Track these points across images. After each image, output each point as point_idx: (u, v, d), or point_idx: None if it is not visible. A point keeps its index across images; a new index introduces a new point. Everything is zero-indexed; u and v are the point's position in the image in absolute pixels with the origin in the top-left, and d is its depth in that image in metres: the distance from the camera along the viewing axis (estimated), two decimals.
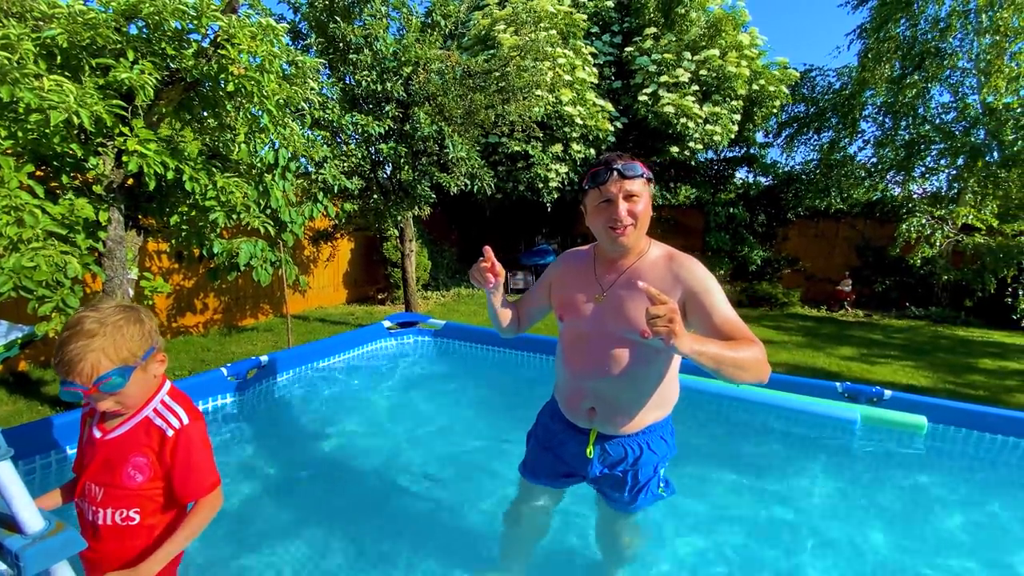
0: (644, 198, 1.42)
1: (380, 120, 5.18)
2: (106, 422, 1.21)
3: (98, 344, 1.08)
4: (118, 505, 1.18)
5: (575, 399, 1.55)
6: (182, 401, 1.25)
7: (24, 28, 2.70)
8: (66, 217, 2.97)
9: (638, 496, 1.56)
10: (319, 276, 8.27)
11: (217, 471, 1.27)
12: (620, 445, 1.52)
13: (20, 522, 0.80)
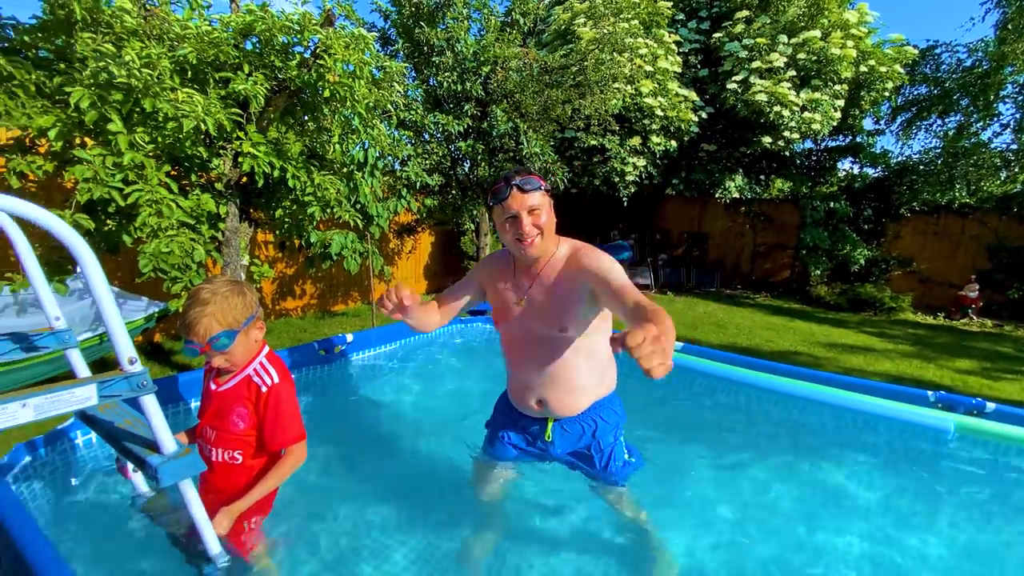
0: (545, 208, 1.52)
1: (459, 119, 5.42)
2: (220, 377, 1.46)
3: (210, 310, 1.32)
4: (226, 447, 1.43)
5: (522, 396, 1.70)
6: (276, 364, 1.48)
7: (162, 48, 3.19)
8: (193, 210, 3.46)
9: (609, 465, 1.71)
10: (402, 267, 8.80)
11: (303, 427, 1.48)
12: (576, 423, 1.69)
13: (159, 444, 1.02)
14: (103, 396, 0.92)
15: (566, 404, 1.65)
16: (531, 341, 1.63)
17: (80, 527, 1.50)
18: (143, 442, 1.07)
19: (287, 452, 1.45)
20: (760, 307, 8.95)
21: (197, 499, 1.12)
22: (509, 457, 1.81)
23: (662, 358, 0.97)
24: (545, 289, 1.59)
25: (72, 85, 2.78)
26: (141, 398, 0.99)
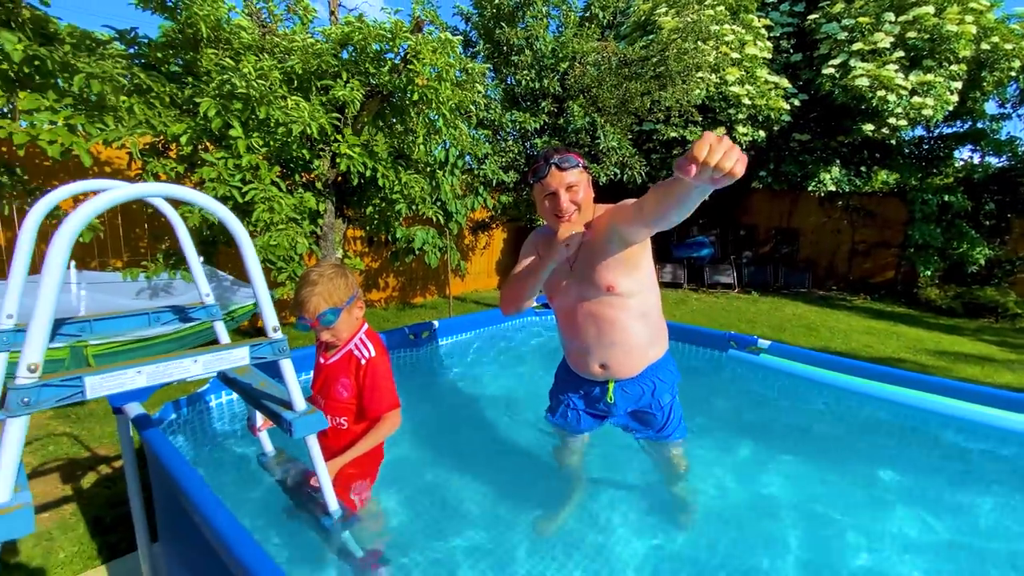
0: (583, 185, 1.60)
1: (536, 116, 5.49)
2: (327, 352, 1.63)
3: (318, 290, 1.49)
4: (334, 413, 1.59)
5: (585, 363, 1.77)
6: (374, 340, 1.63)
7: (273, 61, 3.54)
8: (297, 207, 3.80)
9: (668, 422, 1.81)
10: (476, 263, 9.06)
11: (397, 397, 1.62)
12: (635, 384, 1.76)
13: (293, 402, 1.16)
14: (253, 357, 1.07)
15: (626, 365, 1.74)
16: (584, 307, 1.70)
17: (211, 477, 1.72)
18: (278, 401, 1.23)
19: (383, 418, 1.59)
20: (858, 310, 8.23)
21: (320, 453, 1.26)
22: (572, 420, 1.90)
23: (736, 154, 0.97)
24: (590, 254, 1.66)
25: (200, 96, 3.17)
26: (280, 361, 1.14)
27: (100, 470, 2.88)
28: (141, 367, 0.92)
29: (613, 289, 1.62)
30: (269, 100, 3.28)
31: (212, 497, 1.08)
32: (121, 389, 0.90)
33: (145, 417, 1.42)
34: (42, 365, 0.81)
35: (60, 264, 0.81)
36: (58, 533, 2.30)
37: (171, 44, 3.51)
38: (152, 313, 1.33)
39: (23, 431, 0.81)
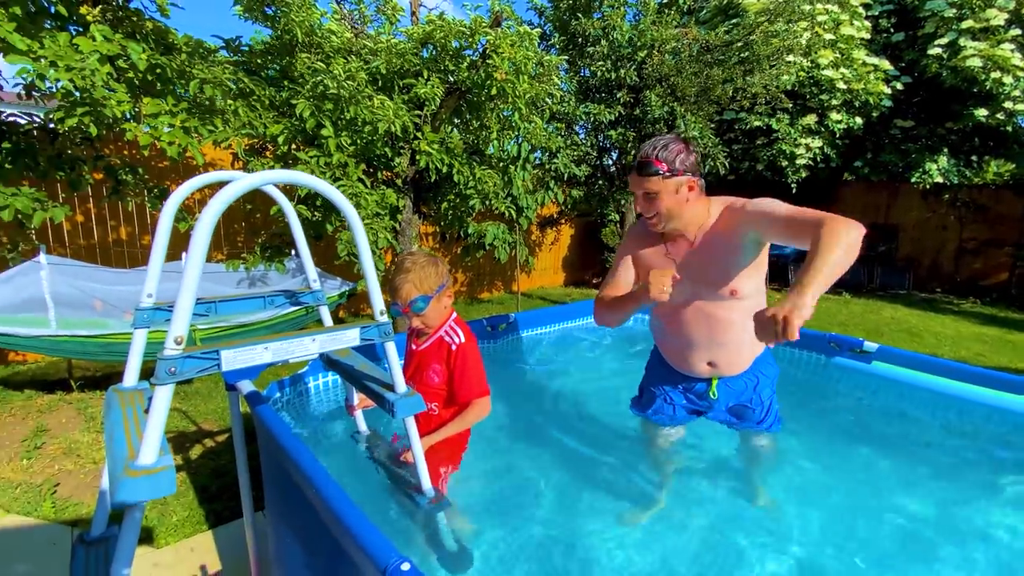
0: (665, 194, 1.50)
1: (611, 107, 5.36)
2: (419, 338, 1.66)
3: (411, 277, 1.53)
4: (425, 399, 1.62)
5: (692, 361, 1.70)
6: (463, 327, 1.65)
7: (359, 62, 3.68)
8: (379, 203, 3.95)
9: (767, 416, 1.76)
10: (542, 259, 9.03)
11: (486, 383, 1.62)
12: (739, 379, 1.71)
13: (395, 383, 1.19)
14: (363, 338, 1.11)
15: (735, 363, 1.68)
16: (696, 307, 1.62)
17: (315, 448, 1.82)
18: (380, 382, 1.26)
19: (473, 403, 1.60)
20: (967, 315, 7.36)
21: (417, 434, 1.28)
22: (667, 414, 1.85)
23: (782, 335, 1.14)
24: (706, 256, 1.57)
25: (296, 98, 3.37)
26: (384, 344, 1.17)
27: (205, 443, 3.15)
28: (268, 344, 0.97)
29: (736, 294, 1.54)
30: (357, 100, 3.41)
31: (324, 472, 1.13)
32: (251, 363, 0.95)
33: (256, 394, 1.51)
34: (186, 338, 0.87)
35: (203, 245, 0.86)
36: (171, 499, 2.53)
37: (269, 51, 3.75)
38: (267, 297, 1.41)
39: (169, 399, 0.87)
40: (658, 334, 1.82)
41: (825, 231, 1.26)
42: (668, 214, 1.52)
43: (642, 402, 1.93)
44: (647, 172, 1.49)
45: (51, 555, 2.14)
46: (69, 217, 4.62)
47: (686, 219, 1.55)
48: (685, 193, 1.52)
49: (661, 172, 1.49)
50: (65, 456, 2.95)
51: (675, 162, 1.49)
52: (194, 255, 0.86)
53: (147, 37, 2.65)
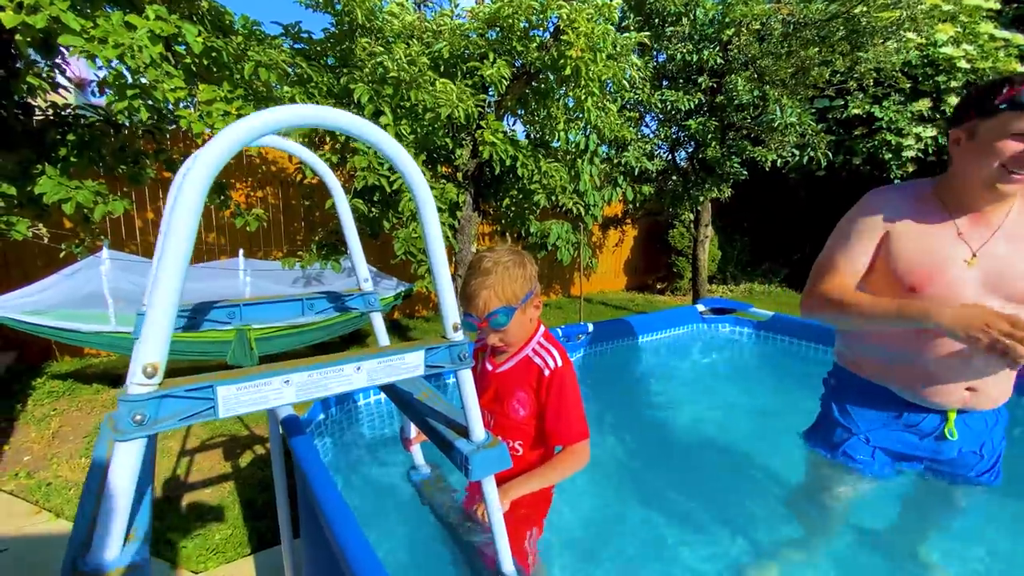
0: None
1: (691, 94, 4.83)
2: (496, 357, 1.30)
3: (490, 282, 1.16)
4: (505, 435, 1.26)
5: (947, 387, 1.26)
6: (556, 345, 1.26)
7: (421, 47, 3.41)
8: (439, 198, 3.67)
9: (995, 464, 1.37)
10: (603, 261, 8.53)
11: (586, 424, 1.23)
12: (981, 417, 1.32)
13: (471, 428, 0.83)
14: (429, 366, 0.76)
15: (993, 394, 1.27)
16: None
17: (355, 489, 1.51)
18: (447, 421, 0.91)
19: (567, 450, 1.21)
20: None
21: (498, 502, 0.92)
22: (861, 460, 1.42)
23: None
24: (1014, 243, 1.17)
25: (354, 83, 3.14)
26: (459, 373, 0.82)
27: (255, 450, 2.97)
28: (289, 375, 0.64)
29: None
30: (419, 83, 3.14)
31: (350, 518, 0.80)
32: (264, 404, 0.63)
33: (294, 419, 1.21)
34: (162, 369, 0.55)
35: (187, 228, 0.54)
36: (216, 513, 2.34)
37: (330, 38, 3.57)
38: (306, 300, 1.10)
39: (136, 462, 0.55)
40: (878, 350, 1.35)
41: None
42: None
43: (822, 436, 1.50)
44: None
45: None
46: (141, 214, 4.69)
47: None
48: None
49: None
50: None
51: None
52: (174, 243, 0.54)
53: (203, 19, 2.48)
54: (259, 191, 5.32)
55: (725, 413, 2.17)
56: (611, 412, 2.21)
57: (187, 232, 0.54)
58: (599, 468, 1.69)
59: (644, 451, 1.94)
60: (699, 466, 1.83)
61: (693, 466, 1.83)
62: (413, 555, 1.31)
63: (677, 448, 1.96)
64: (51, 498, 2.41)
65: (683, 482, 1.71)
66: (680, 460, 1.88)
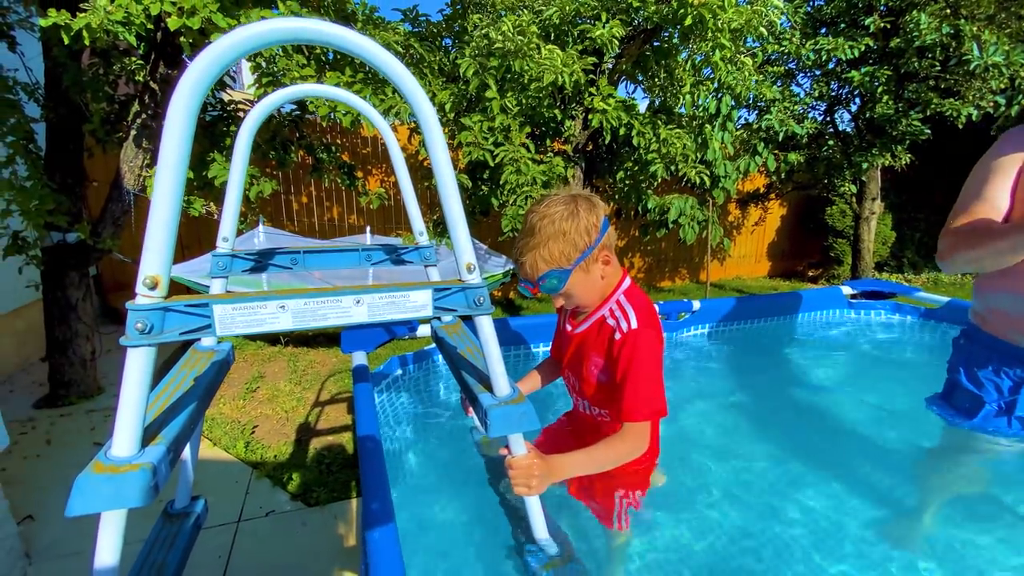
0: None
1: (855, 40, 4.04)
2: (576, 316, 1.19)
3: (535, 243, 1.04)
4: (593, 402, 1.17)
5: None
6: (638, 304, 1.09)
7: (530, 15, 3.34)
8: (546, 172, 3.60)
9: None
10: (741, 244, 7.69)
11: (662, 400, 1.04)
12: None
13: (493, 381, 0.76)
14: (437, 307, 0.71)
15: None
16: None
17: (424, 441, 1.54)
18: (479, 376, 0.86)
19: (626, 429, 1.04)
20: None
21: (524, 459, 0.84)
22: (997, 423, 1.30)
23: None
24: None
25: (462, 58, 3.20)
26: (477, 320, 0.75)
27: None
28: (286, 301, 0.64)
29: None
30: (524, 53, 3.09)
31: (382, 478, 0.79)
32: (260, 327, 0.64)
33: (363, 369, 1.27)
34: (164, 282, 0.58)
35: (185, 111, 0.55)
36: (334, 457, 2.61)
37: (446, 18, 3.68)
38: (363, 250, 1.13)
39: (147, 366, 0.59)
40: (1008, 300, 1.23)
41: None
42: None
43: (955, 403, 1.40)
44: None
45: (233, 492, 2.32)
46: (297, 198, 5.42)
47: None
48: None
49: None
50: (268, 402, 3.34)
51: None
52: (166, 156, 0.55)
53: (328, 9, 2.71)
54: (391, 176, 5.79)
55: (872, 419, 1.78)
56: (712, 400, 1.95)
57: (179, 147, 0.55)
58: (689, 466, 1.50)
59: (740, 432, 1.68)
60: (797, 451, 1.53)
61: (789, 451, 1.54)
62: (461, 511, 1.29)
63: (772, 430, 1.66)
64: (213, 430, 2.90)
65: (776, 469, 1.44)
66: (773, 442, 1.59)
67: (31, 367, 3.64)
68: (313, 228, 5.47)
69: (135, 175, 2.88)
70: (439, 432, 1.57)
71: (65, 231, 2.81)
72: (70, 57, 2.63)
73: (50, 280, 2.92)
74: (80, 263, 2.95)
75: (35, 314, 3.57)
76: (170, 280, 0.59)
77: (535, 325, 1.91)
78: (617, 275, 1.12)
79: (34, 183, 2.54)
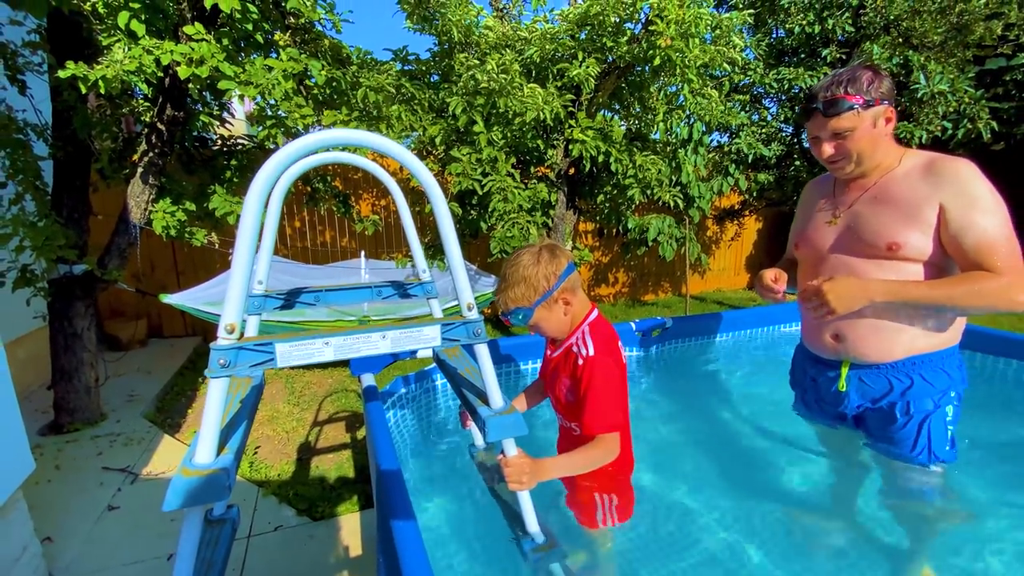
0: (860, 130, 1.29)
1: (814, 70, 4.37)
2: (554, 343, 1.40)
3: (506, 285, 1.26)
4: (565, 415, 1.37)
5: (815, 330, 1.48)
6: (597, 335, 1.30)
7: (513, 54, 3.59)
8: (531, 198, 3.83)
9: (915, 440, 1.36)
10: (720, 258, 7.99)
11: (618, 416, 1.25)
12: (882, 376, 1.39)
13: (489, 396, 0.95)
14: (445, 339, 0.90)
15: (871, 345, 1.36)
16: (837, 263, 1.40)
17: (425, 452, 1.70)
18: (478, 392, 1.04)
19: (595, 439, 1.24)
20: None
21: (515, 461, 1.03)
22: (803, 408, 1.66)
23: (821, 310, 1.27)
24: (874, 204, 1.34)
25: (450, 96, 3.43)
26: (476, 347, 0.94)
27: None
28: (329, 339, 0.82)
29: (897, 249, 1.28)
30: (507, 91, 3.33)
31: (401, 488, 0.96)
32: (310, 359, 0.82)
33: (372, 389, 1.44)
34: (239, 327, 0.76)
35: (252, 225, 0.74)
36: (335, 473, 2.75)
37: (434, 56, 3.92)
38: (374, 287, 1.32)
39: (223, 392, 0.77)
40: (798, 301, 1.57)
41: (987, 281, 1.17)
42: (862, 151, 1.32)
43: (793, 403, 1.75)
44: (839, 110, 1.28)
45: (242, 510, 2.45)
46: (290, 223, 5.57)
47: (877, 159, 1.34)
48: (883, 127, 1.31)
49: (856, 105, 1.27)
50: (269, 423, 3.46)
51: (870, 91, 1.27)
52: (243, 235, 0.74)
53: (325, 54, 2.92)
54: (382, 200, 5.98)
55: None
56: (683, 411, 2.15)
57: (251, 228, 0.74)
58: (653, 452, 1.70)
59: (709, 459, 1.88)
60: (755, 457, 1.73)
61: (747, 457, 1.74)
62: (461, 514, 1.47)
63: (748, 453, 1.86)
64: None
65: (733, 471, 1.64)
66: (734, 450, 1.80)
67: (32, 394, 3.71)
68: (307, 252, 5.61)
69: (141, 209, 3.03)
70: (440, 444, 1.74)
71: (72, 263, 2.94)
72: (78, 100, 2.79)
73: (56, 311, 3.03)
74: (86, 294, 3.07)
75: (35, 343, 3.67)
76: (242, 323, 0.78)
77: (521, 345, 2.10)
78: (584, 309, 1.32)
79: (46, 220, 2.68)
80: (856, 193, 1.40)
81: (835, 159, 1.35)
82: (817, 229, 1.46)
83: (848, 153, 1.33)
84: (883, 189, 1.34)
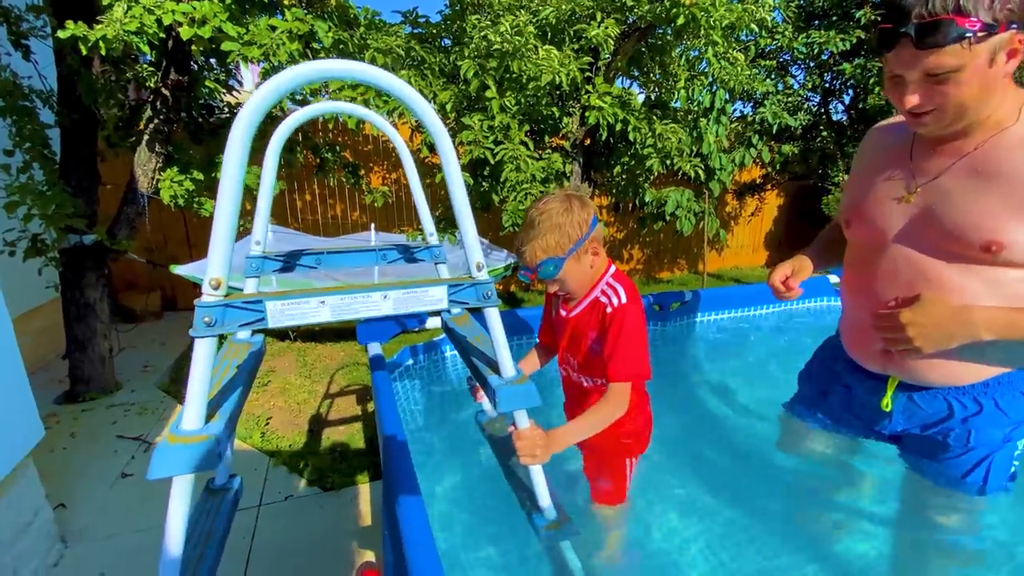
0: (969, 70, 0.82)
1: (846, 33, 4.12)
2: (568, 302, 1.33)
3: (534, 235, 1.19)
4: (591, 373, 1.31)
5: (860, 336, 1.12)
6: (625, 283, 1.25)
7: (528, 16, 3.42)
8: (545, 168, 3.70)
9: (975, 471, 1.06)
10: (738, 234, 7.77)
11: (646, 364, 1.20)
12: (941, 398, 1.05)
13: (500, 364, 0.88)
14: (452, 300, 0.83)
15: (936, 369, 1.01)
16: (906, 255, 1.00)
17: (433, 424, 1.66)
18: (488, 361, 0.98)
19: (609, 390, 1.19)
20: None
21: (528, 431, 0.97)
22: (809, 410, 1.35)
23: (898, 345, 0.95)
24: (972, 179, 0.92)
25: (461, 59, 3.29)
26: (486, 311, 0.87)
27: None
28: (325, 297, 0.75)
29: (998, 251, 0.88)
30: (522, 54, 3.18)
31: (406, 460, 0.90)
32: (304, 319, 0.75)
33: (379, 358, 1.38)
34: (225, 282, 0.69)
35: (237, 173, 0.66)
36: (346, 445, 2.74)
37: (445, 19, 3.76)
38: (379, 250, 1.24)
39: (209, 354, 0.71)
40: (842, 296, 1.24)
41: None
42: (962, 102, 0.86)
43: (795, 395, 1.45)
44: (937, 41, 0.80)
45: (249, 478, 2.45)
46: (301, 197, 5.51)
47: (988, 110, 0.89)
48: (1002, 65, 0.84)
49: (970, 32, 0.79)
50: (281, 394, 3.47)
51: (993, 8, 0.79)
52: (226, 178, 0.66)
53: (331, 15, 2.80)
54: (393, 173, 5.88)
55: None
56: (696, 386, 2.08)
57: (235, 176, 0.66)
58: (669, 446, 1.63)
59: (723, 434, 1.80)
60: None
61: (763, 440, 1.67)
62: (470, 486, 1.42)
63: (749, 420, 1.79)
64: None
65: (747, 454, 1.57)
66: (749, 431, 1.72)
67: (49, 364, 3.76)
68: (317, 225, 5.57)
69: (148, 178, 2.99)
70: (448, 416, 1.69)
71: (83, 233, 2.92)
72: (82, 64, 2.72)
73: (68, 281, 3.03)
74: (97, 264, 3.06)
75: (52, 313, 3.69)
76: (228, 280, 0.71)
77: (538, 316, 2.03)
78: (604, 264, 1.28)
79: (54, 189, 2.64)
80: (946, 159, 0.96)
81: (922, 110, 0.89)
82: (879, 204, 1.04)
83: (945, 104, 0.87)
84: (988, 157, 0.91)
